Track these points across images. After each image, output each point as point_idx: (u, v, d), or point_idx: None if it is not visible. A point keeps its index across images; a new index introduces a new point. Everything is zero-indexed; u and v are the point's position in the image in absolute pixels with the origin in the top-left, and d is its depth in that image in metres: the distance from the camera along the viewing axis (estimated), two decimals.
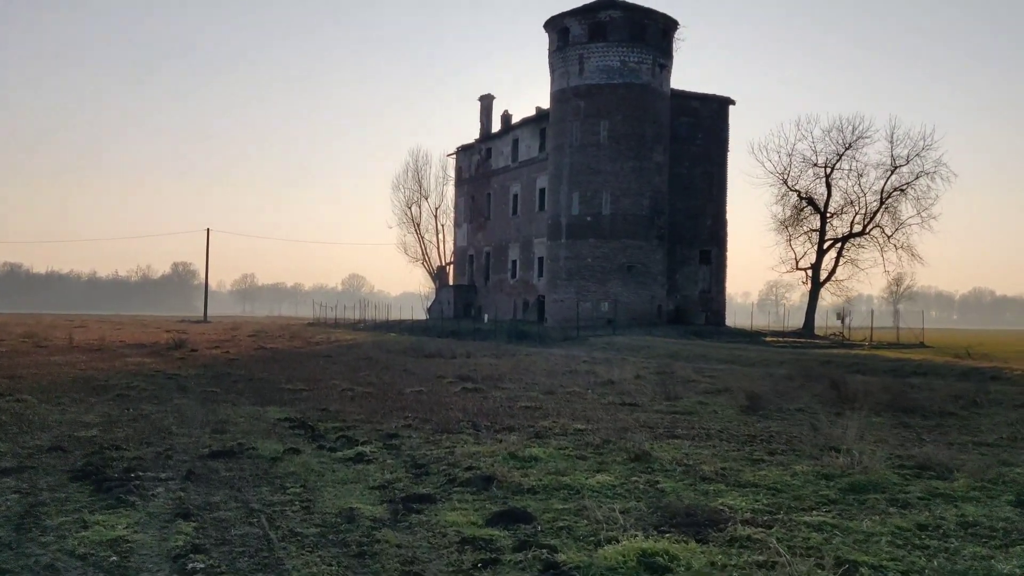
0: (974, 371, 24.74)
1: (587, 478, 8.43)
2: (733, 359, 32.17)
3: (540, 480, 8.29)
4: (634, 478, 8.50)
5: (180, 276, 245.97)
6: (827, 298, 61.85)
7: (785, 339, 51.52)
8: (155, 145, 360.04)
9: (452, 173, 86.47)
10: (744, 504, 7.43)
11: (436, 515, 7.06)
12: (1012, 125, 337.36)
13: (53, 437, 10.94)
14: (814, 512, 7.27)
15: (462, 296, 75.48)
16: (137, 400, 15.66)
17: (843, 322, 57.04)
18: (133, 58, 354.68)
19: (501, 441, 10.61)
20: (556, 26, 55.79)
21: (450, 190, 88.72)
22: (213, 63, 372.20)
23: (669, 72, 56.10)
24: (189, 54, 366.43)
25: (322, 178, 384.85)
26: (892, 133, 56.21)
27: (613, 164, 54.01)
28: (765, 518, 6.97)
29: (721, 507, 7.27)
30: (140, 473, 8.53)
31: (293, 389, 18.10)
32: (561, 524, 6.71)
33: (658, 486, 8.20)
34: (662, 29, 55.18)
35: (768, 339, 50.72)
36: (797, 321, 71.18)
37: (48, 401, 14.98)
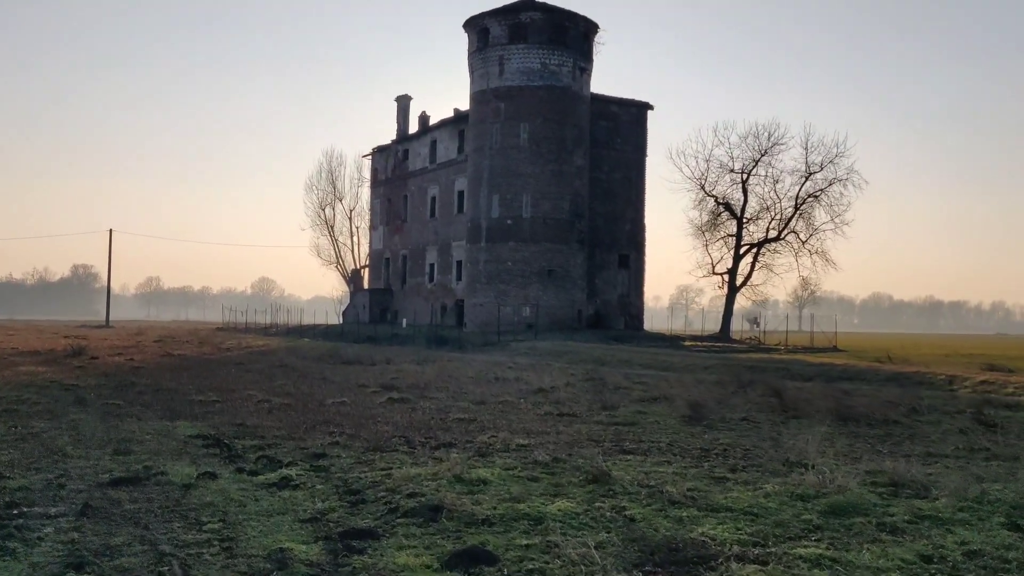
0: (900, 376, 24.79)
1: (545, 504, 7.55)
2: (658, 364, 31.79)
3: (494, 509, 7.37)
4: (597, 504, 7.65)
5: (80, 279, 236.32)
6: (739, 302, 62.52)
7: (703, 343, 51.69)
8: (52, 141, 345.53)
9: (367, 174, 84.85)
10: (727, 534, 6.65)
11: (382, 556, 6.07)
12: (912, 131, 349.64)
13: None
14: (804, 542, 6.54)
15: (378, 300, 73.93)
16: (27, 416, 14.13)
17: (757, 326, 57.66)
18: (27, 49, 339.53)
19: (442, 460, 9.64)
20: (476, 26, 54.96)
21: (365, 192, 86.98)
22: (115, 55, 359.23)
23: (589, 76, 55.84)
24: (88, 46, 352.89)
25: (231, 178, 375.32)
26: (807, 140, 57.35)
27: (533, 167, 53.41)
28: (756, 551, 6.20)
29: (703, 538, 6.48)
30: (25, 509, 7.28)
31: (205, 401, 16.75)
32: (531, 566, 5.81)
33: (625, 513, 7.37)
34: (583, 32, 54.89)
35: (687, 343, 50.81)
36: (709, 325, 72.05)
37: None
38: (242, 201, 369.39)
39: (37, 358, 29.98)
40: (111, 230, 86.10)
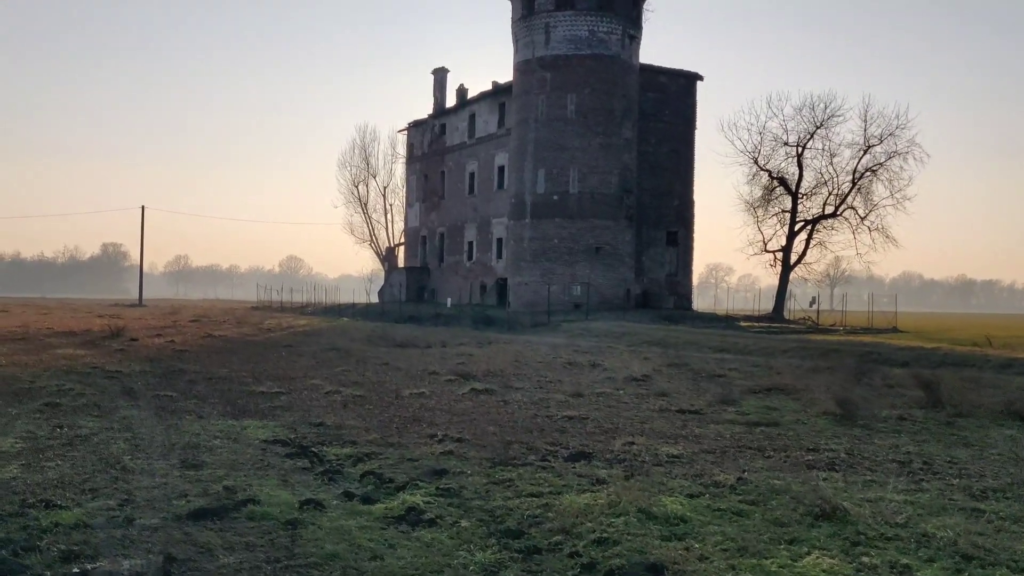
0: (1016, 362, 22.46)
1: (793, 560, 5.50)
2: (731, 347, 29.57)
3: (728, 565, 5.32)
4: (864, 558, 5.57)
5: (110, 257, 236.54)
6: (763, 280, 59.94)
7: (760, 324, 49.39)
8: (80, 120, 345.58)
9: (401, 151, 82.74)
10: None
11: None
12: (951, 106, 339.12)
13: None
14: None
15: (415, 279, 72.02)
16: (72, 411, 12.28)
17: (813, 305, 55.16)
18: (58, 31, 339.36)
19: (602, 483, 7.61)
20: None
21: (400, 168, 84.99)
22: (144, 33, 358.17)
23: (639, 44, 53.32)
24: (117, 25, 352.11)
25: (260, 157, 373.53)
26: (865, 112, 54.32)
27: (581, 140, 51.07)
28: None
29: None
30: (89, 567, 5.31)
31: (267, 392, 14.84)
32: None
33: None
34: None
35: (744, 324, 48.53)
36: (738, 304, 69.81)
37: None
38: (272, 179, 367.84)
39: (74, 340, 28.28)
40: (143, 207, 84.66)
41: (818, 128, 55.05)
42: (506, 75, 65.65)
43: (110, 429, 10.79)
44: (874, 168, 54.49)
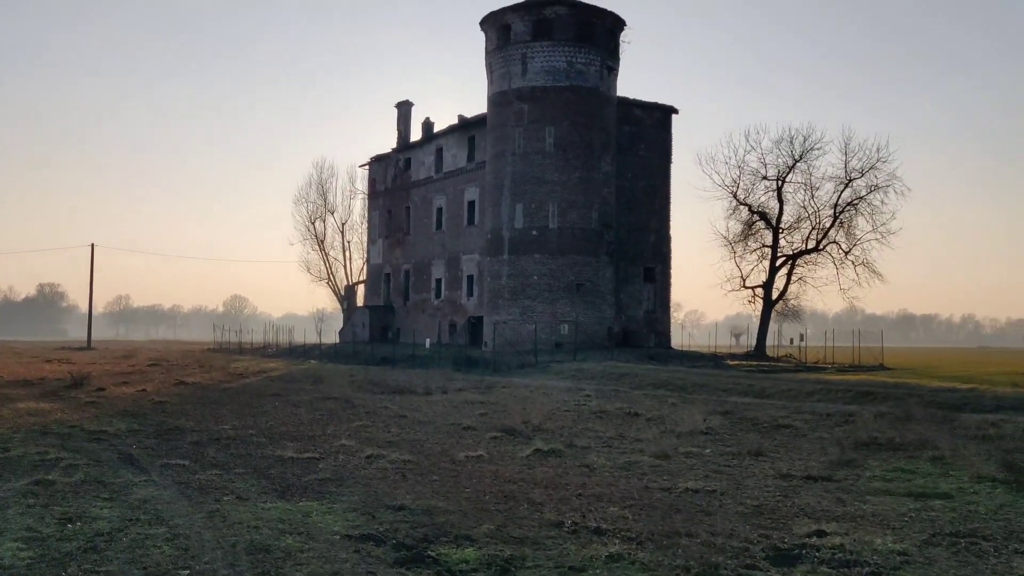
0: None
1: None
2: (747, 390, 27.67)
3: None
4: None
5: (47, 298, 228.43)
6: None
7: (747, 362, 47.89)
8: (11, 158, 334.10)
9: (361, 186, 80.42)
10: None
11: None
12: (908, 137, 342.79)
13: None
14: None
15: (379, 318, 69.31)
16: (72, 491, 9.80)
17: (802, 342, 53.88)
18: None
19: None
20: (496, 23, 50.93)
21: (359, 204, 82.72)
22: (89, 64, 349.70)
23: (616, 76, 52.02)
24: (53, 53, 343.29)
25: (206, 193, 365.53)
26: (846, 145, 53.77)
27: (560, 174, 49.33)
28: None
29: None
30: None
31: (297, 458, 12.46)
32: None
33: None
34: (610, 28, 51.05)
35: (732, 363, 46.95)
36: (710, 341, 68.41)
37: None
38: (217, 216, 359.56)
39: (33, 390, 25.33)
40: (93, 245, 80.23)
41: (797, 161, 54.31)
42: (473, 108, 64.04)
43: (135, 521, 8.36)
44: (854, 202, 53.76)
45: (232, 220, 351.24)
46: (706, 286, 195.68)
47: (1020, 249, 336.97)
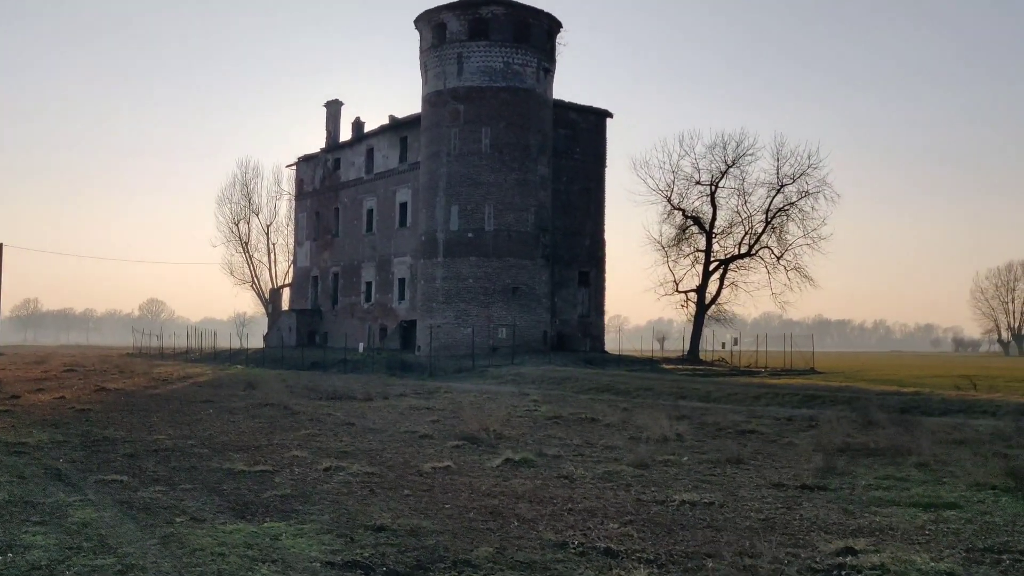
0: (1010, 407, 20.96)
1: None
2: (692, 393, 27.26)
3: None
4: None
5: None
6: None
7: (683, 366, 47.81)
8: None
9: (288, 187, 78.42)
10: None
11: None
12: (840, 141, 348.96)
13: None
14: None
15: (306, 322, 67.56)
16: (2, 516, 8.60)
17: (736, 346, 54.08)
18: None
19: None
20: (431, 21, 49.96)
21: (284, 205, 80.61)
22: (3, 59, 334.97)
23: (552, 78, 51.56)
24: None
25: (120, 191, 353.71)
26: (778, 151, 54.17)
27: (496, 175, 48.60)
28: None
29: None
30: None
31: (248, 470, 11.39)
32: None
33: None
34: (547, 30, 50.57)
35: (667, 367, 46.83)
36: (633, 344, 68.58)
37: None
38: (133, 217, 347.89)
39: None
40: (0, 244, 76.18)
41: (730, 167, 54.64)
42: (404, 109, 63.02)
43: (77, 549, 7.25)
44: (785, 208, 54.29)
45: (149, 221, 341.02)
46: (635, 291, 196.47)
47: (927, 256, 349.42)
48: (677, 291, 56.52)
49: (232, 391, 27.36)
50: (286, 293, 77.24)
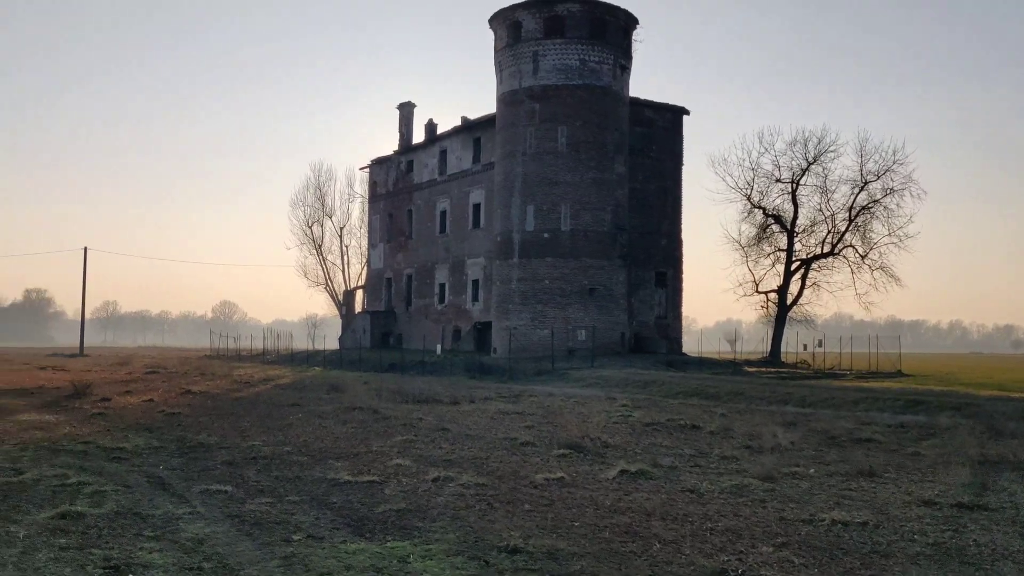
0: None
1: None
2: (786, 398, 26.14)
3: None
4: None
5: (33, 304, 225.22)
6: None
7: (766, 369, 46.42)
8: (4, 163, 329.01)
9: (360, 189, 78.87)
10: None
11: None
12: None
13: None
14: None
15: (380, 323, 67.66)
16: (107, 528, 8.24)
17: (820, 347, 52.33)
18: None
19: None
20: (506, 20, 49.45)
21: (357, 208, 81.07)
22: (83, 70, 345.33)
23: (629, 75, 50.63)
24: (47, 58, 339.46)
25: (197, 197, 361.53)
26: (862, 147, 52.26)
27: (573, 174, 47.84)
28: None
29: None
30: None
31: (354, 481, 10.90)
32: None
33: None
34: (623, 26, 49.64)
35: (749, 370, 45.50)
36: (712, 346, 66.86)
37: None
38: (208, 221, 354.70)
39: (32, 400, 23.65)
40: (86, 249, 78.29)
41: (811, 164, 52.88)
42: (477, 110, 62.68)
43: (197, 570, 6.78)
44: (869, 206, 52.42)
45: (224, 224, 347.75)
46: (707, 292, 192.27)
47: (1007, 255, 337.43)
48: (757, 291, 55.00)
49: (316, 394, 27.15)
50: (359, 295, 77.58)
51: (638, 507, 9.44)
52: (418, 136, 67.52)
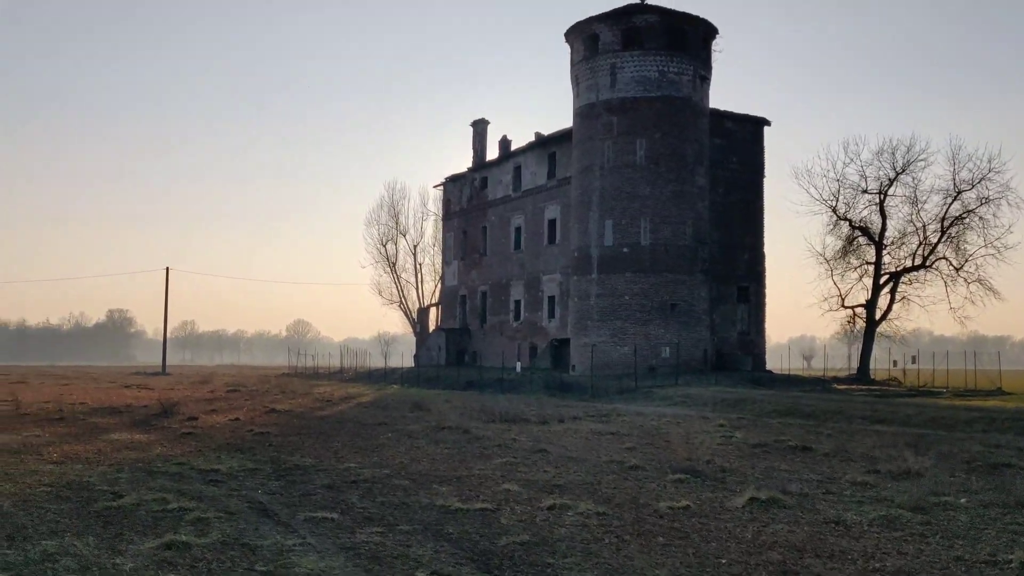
0: None
1: None
2: (889, 418, 24.74)
3: None
4: None
5: (115, 323, 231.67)
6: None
7: (856, 386, 44.62)
8: (82, 185, 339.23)
9: (434, 207, 79.03)
10: None
11: None
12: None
13: None
14: None
15: (455, 341, 67.34)
16: (216, 558, 7.72)
17: (900, 365, 50.29)
18: (47, 92, 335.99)
19: None
20: (582, 33, 48.84)
21: (430, 226, 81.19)
22: (152, 89, 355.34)
23: (709, 85, 49.52)
24: (127, 78, 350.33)
25: (271, 217, 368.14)
26: (954, 156, 50.08)
27: (652, 188, 46.86)
28: None
29: None
30: None
31: (466, 508, 10.21)
32: None
33: None
34: (702, 37, 48.60)
35: (839, 387, 43.78)
36: (771, 363, 64.53)
37: None
38: (281, 240, 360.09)
39: (121, 419, 23.63)
40: (168, 269, 79.86)
41: (900, 173, 50.91)
42: (550, 126, 62.12)
43: None
44: (963, 216, 50.20)
45: (300, 243, 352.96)
46: (787, 307, 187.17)
47: None
48: (843, 306, 53.09)
49: (401, 412, 26.67)
50: (433, 312, 77.51)
51: (783, 541, 8.55)
52: (492, 153, 67.35)
